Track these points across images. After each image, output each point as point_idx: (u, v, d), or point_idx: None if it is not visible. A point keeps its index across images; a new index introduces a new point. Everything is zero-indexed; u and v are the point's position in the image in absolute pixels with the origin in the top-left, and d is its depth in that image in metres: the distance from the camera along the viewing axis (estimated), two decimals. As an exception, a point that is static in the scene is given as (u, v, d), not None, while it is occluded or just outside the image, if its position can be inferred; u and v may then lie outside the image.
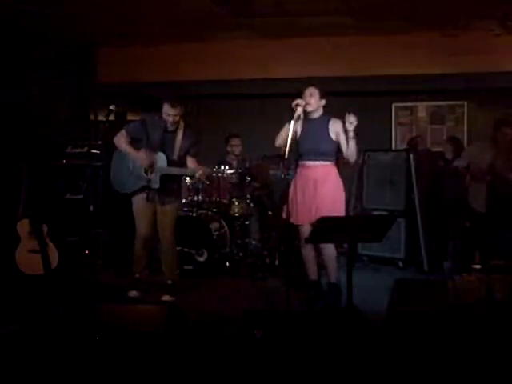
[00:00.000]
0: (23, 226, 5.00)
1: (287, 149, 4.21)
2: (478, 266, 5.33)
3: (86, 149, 6.42)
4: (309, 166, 4.58)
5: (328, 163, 4.57)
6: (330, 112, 4.68)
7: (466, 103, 7.30)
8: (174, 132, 4.68)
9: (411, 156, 6.15)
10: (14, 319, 3.92)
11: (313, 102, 4.52)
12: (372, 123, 7.20)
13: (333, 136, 4.53)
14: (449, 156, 6.13)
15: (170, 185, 4.73)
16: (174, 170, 4.65)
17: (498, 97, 6.90)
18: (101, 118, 7.22)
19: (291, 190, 4.67)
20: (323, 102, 4.59)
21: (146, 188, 4.69)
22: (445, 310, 4.09)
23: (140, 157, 4.63)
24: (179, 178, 4.91)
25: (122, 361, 3.25)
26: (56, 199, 6.29)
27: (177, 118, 4.61)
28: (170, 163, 4.64)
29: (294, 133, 4.36)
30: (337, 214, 4.43)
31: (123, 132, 4.74)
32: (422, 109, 7.49)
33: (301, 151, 4.57)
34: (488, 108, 7.00)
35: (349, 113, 4.37)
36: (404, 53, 6.70)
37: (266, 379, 3.18)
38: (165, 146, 4.66)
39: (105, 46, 7.53)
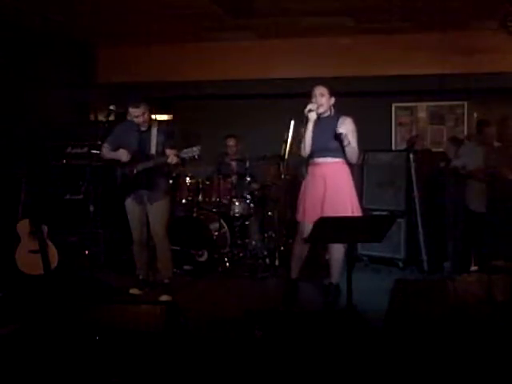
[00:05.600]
0: (23, 226, 5.00)
1: (287, 149, 4.22)
2: (475, 268, 5.35)
3: (85, 149, 6.42)
4: (319, 163, 4.58)
5: (338, 160, 4.55)
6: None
7: (465, 103, 7.30)
8: (148, 130, 4.83)
9: (411, 156, 6.15)
10: (13, 319, 3.92)
11: (324, 101, 4.52)
12: (372, 123, 7.20)
13: (341, 129, 4.50)
14: (451, 156, 6.13)
15: (157, 183, 4.82)
16: (144, 164, 4.74)
17: (497, 97, 6.90)
18: (101, 118, 7.22)
19: (302, 189, 4.69)
20: (333, 100, 4.59)
21: (131, 188, 4.83)
22: (445, 310, 4.09)
23: (121, 153, 4.80)
24: (164, 175, 4.95)
25: (121, 361, 3.26)
26: (56, 199, 6.29)
27: (144, 118, 4.74)
28: (149, 159, 4.76)
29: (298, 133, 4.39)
30: (347, 210, 4.44)
31: (105, 145, 4.93)
32: (422, 109, 7.49)
33: (312, 149, 4.57)
34: (488, 108, 7.00)
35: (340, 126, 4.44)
36: (404, 53, 6.70)
37: (265, 379, 3.18)
38: (142, 144, 4.81)
39: (105, 46, 7.53)
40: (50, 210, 5.60)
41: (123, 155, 4.78)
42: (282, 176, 4.73)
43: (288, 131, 4.31)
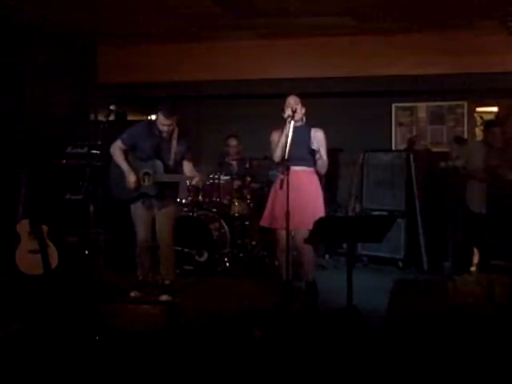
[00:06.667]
0: (23, 226, 5.00)
1: (287, 150, 4.23)
2: (475, 268, 5.35)
3: (85, 149, 6.42)
4: (291, 170, 4.60)
5: (310, 169, 4.68)
6: (330, 112, 4.69)
7: (466, 103, 7.29)
8: (169, 139, 4.74)
9: (411, 156, 6.15)
10: (14, 319, 3.92)
11: (299, 109, 4.63)
12: (372, 123, 7.21)
13: (314, 143, 4.62)
14: (455, 156, 6.14)
15: (166, 190, 4.78)
16: (170, 177, 4.70)
17: (498, 97, 6.89)
18: (101, 118, 7.21)
19: (271, 194, 4.73)
20: (303, 110, 4.71)
21: (143, 195, 4.77)
22: (445, 310, 4.09)
23: (129, 178, 4.69)
24: (175, 183, 4.93)
25: (122, 361, 3.26)
26: (56, 199, 6.28)
27: (171, 128, 4.67)
28: (166, 169, 4.70)
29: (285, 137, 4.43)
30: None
31: (119, 143, 4.78)
32: (422, 109, 7.48)
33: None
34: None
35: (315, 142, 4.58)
36: (404, 53, 6.69)
37: (265, 379, 3.18)
38: (161, 152, 4.73)
39: (105, 46, 7.52)
40: (49, 210, 5.59)
41: (130, 182, 4.66)
42: (282, 176, 4.72)
43: (288, 132, 4.32)
